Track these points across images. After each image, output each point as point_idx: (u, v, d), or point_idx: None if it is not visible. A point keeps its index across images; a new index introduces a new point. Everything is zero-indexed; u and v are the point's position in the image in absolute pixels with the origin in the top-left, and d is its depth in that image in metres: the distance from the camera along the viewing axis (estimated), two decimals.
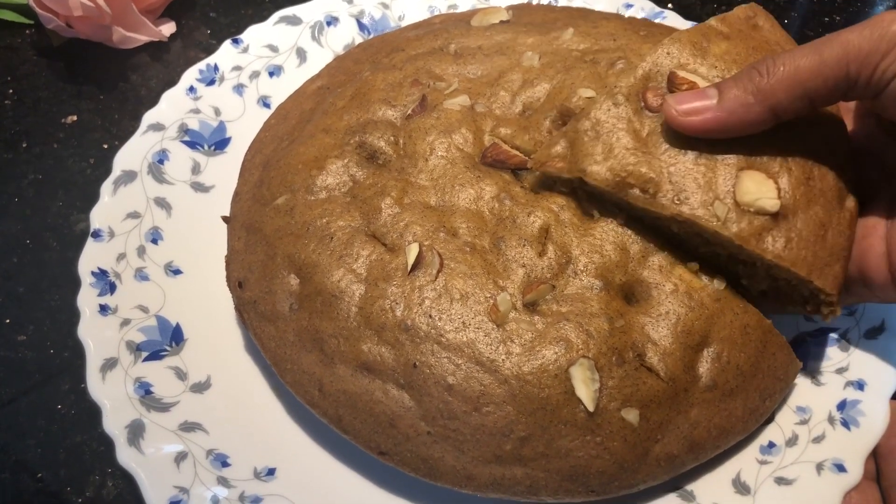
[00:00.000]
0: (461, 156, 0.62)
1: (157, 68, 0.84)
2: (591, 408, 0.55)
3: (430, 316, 0.57)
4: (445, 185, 0.61)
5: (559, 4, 0.84)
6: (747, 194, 0.53)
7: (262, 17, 0.83)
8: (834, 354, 0.64)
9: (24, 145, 0.82)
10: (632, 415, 0.55)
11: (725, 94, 0.51)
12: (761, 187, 0.53)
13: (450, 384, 0.56)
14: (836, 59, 0.48)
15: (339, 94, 0.69)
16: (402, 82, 0.67)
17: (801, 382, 0.64)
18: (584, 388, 0.55)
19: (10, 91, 0.86)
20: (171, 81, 0.78)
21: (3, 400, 0.68)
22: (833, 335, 0.65)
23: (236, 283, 0.63)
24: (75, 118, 0.84)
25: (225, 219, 0.68)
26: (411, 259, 0.58)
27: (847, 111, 0.61)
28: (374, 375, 0.57)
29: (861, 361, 0.63)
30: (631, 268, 0.58)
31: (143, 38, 0.86)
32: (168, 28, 0.89)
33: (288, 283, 0.61)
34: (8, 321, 0.72)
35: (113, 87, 0.86)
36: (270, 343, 0.60)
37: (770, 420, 0.62)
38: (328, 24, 0.83)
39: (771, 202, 0.53)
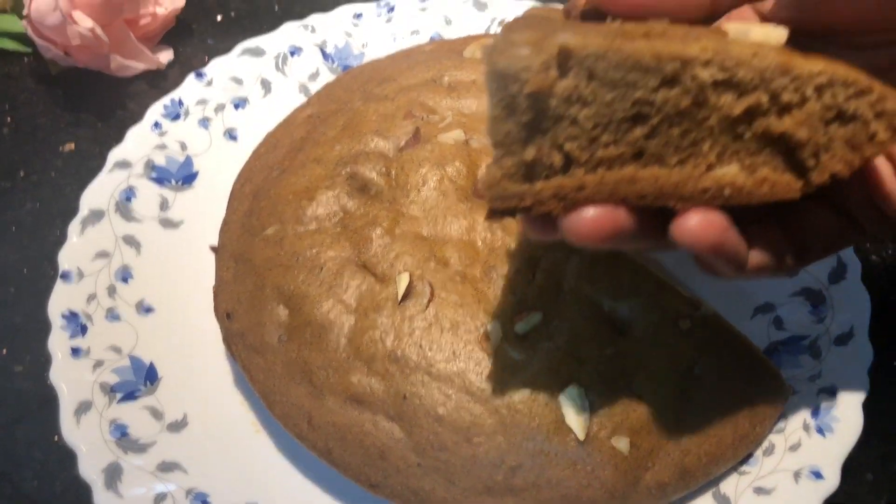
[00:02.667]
0: (454, 187, 0.62)
1: (155, 95, 0.84)
2: (581, 436, 0.55)
3: (421, 346, 0.57)
4: (438, 215, 0.61)
5: None
6: (751, 30, 0.43)
7: None
8: (806, 362, 0.64)
9: (22, 174, 0.83)
10: (622, 443, 0.55)
11: None
12: (754, 26, 0.44)
13: (440, 415, 0.56)
14: None
15: (330, 123, 0.69)
16: (394, 114, 0.67)
17: None
18: (575, 416, 0.55)
19: (9, 119, 0.87)
20: None
21: None
22: (804, 343, 0.65)
23: (224, 315, 0.64)
24: (73, 146, 0.85)
25: (213, 248, 0.68)
26: (402, 289, 0.58)
27: None
28: (364, 407, 0.57)
29: (833, 368, 0.63)
30: (619, 297, 0.58)
31: (140, 66, 0.87)
32: (166, 55, 0.89)
33: (277, 315, 0.61)
34: (4, 351, 0.72)
35: (111, 114, 0.87)
36: (259, 375, 0.61)
37: None
38: (292, 54, 0.83)
39: (779, 30, 0.43)
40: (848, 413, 0.60)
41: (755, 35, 0.41)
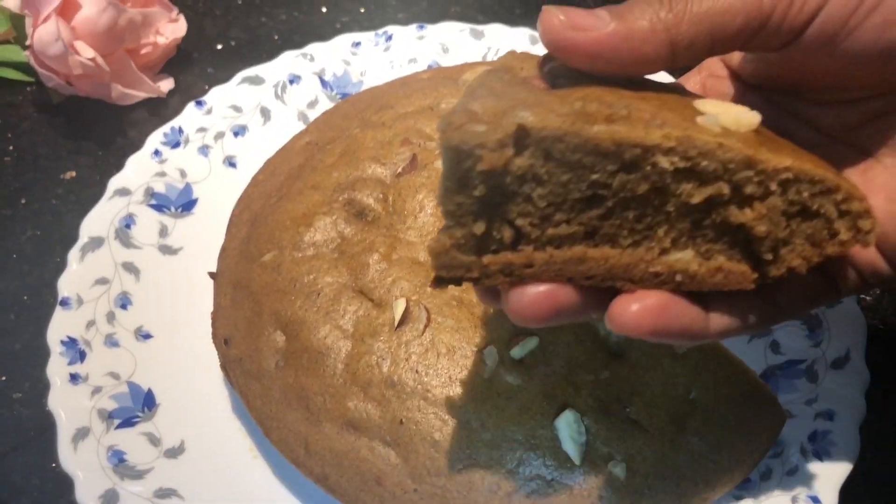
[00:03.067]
0: None
1: (156, 123, 0.85)
2: (577, 461, 0.55)
3: (417, 371, 0.57)
4: None
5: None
6: (722, 113, 0.40)
7: None
8: (802, 386, 0.64)
9: (23, 201, 0.83)
10: (619, 468, 0.55)
11: (623, 18, 0.40)
12: (727, 107, 0.41)
13: (436, 440, 0.56)
14: None
15: (328, 150, 0.70)
16: (391, 140, 0.68)
17: None
18: (571, 441, 0.55)
19: (11, 148, 0.88)
20: None
21: None
22: (800, 367, 0.65)
23: (222, 341, 0.64)
24: (74, 174, 0.86)
25: (211, 275, 0.69)
26: (398, 314, 0.59)
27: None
28: (361, 433, 0.57)
29: (829, 392, 0.63)
30: None
31: (141, 95, 0.88)
32: (166, 84, 0.90)
33: (274, 341, 0.61)
34: (4, 378, 0.72)
35: (111, 142, 0.88)
36: (256, 401, 0.61)
37: None
38: (291, 82, 0.84)
39: (752, 114, 0.40)
40: (845, 437, 0.61)
41: (726, 118, 0.40)
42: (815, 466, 0.60)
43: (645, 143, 0.37)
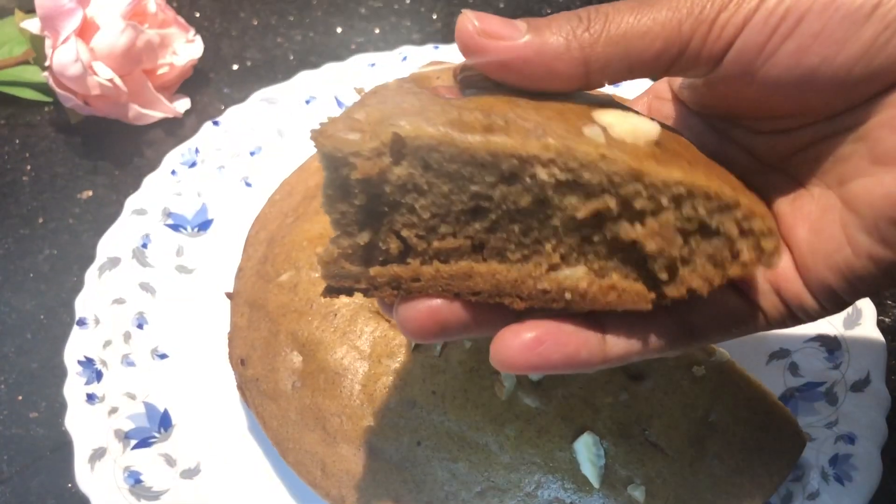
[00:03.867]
0: None
1: (172, 143, 0.85)
2: (596, 484, 0.54)
3: (434, 393, 0.57)
4: None
5: None
6: (618, 124, 0.38)
7: None
8: (822, 409, 0.64)
9: (41, 220, 0.84)
10: (638, 491, 0.55)
11: (539, 32, 0.39)
12: (628, 117, 0.39)
13: (454, 463, 0.55)
14: (666, 17, 0.38)
15: None
16: None
17: None
18: (590, 464, 0.55)
19: (28, 167, 0.88)
20: None
21: (11, 471, 0.68)
22: (820, 389, 0.65)
23: (238, 361, 0.64)
24: (91, 193, 0.86)
25: (228, 295, 0.69)
26: None
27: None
28: (378, 454, 0.57)
29: (849, 415, 0.63)
30: None
31: (158, 115, 0.88)
32: (183, 104, 0.91)
33: (291, 361, 0.61)
34: (20, 398, 0.72)
35: (128, 162, 0.88)
36: (272, 422, 0.61)
37: None
38: (307, 102, 0.85)
39: (650, 125, 0.38)
40: (866, 460, 0.60)
41: (621, 129, 0.38)
42: (836, 490, 0.59)
43: (520, 153, 0.36)
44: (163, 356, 0.69)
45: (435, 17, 1.01)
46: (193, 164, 0.79)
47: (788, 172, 0.44)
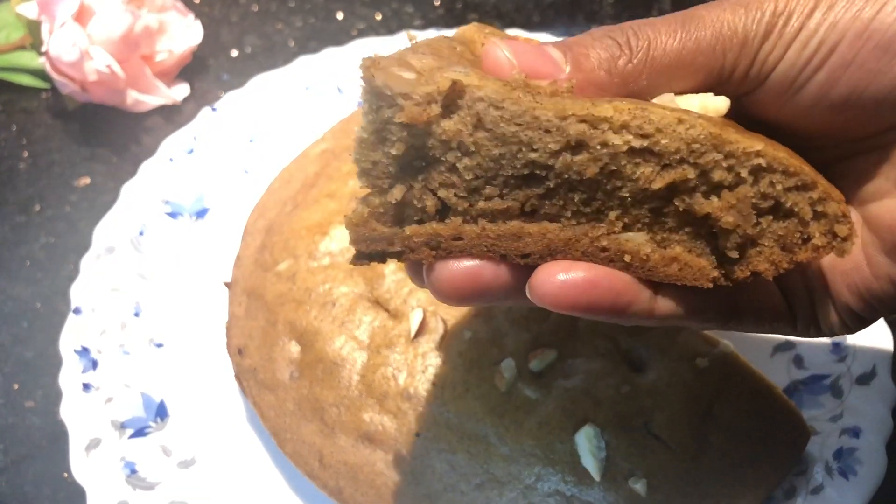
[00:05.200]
0: None
1: (170, 130, 0.84)
2: (597, 477, 0.54)
3: (434, 384, 0.56)
4: None
5: None
6: (683, 100, 0.38)
7: None
8: (827, 402, 0.63)
9: (38, 208, 0.83)
10: (640, 484, 0.54)
11: (579, 65, 0.37)
12: (689, 96, 0.38)
13: (453, 454, 0.55)
14: (710, 44, 0.38)
15: (344, 158, 0.69)
16: None
17: None
18: (590, 456, 0.54)
19: (25, 154, 0.87)
20: None
21: (7, 461, 0.68)
22: (825, 382, 0.64)
23: (236, 350, 0.63)
24: (88, 181, 0.85)
25: (227, 284, 0.68)
26: (415, 325, 0.58)
27: None
28: (376, 445, 0.56)
29: (855, 408, 0.62)
30: (636, 334, 0.57)
31: (156, 101, 0.87)
32: (181, 91, 0.90)
33: (288, 351, 0.60)
34: (16, 387, 0.72)
35: (125, 149, 0.87)
36: (270, 412, 0.60)
37: None
38: (306, 88, 0.83)
39: (719, 100, 0.38)
40: (871, 454, 0.59)
41: (688, 103, 0.37)
42: (841, 484, 0.58)
43: (593, 115, 0.34)
44: (159, 345, 0.68)
45: (437, 2, 1.00)
46: (191, 151, 0.78)
47: None
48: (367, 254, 0.37)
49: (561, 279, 0.36)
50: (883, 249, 0.38)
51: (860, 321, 0.41)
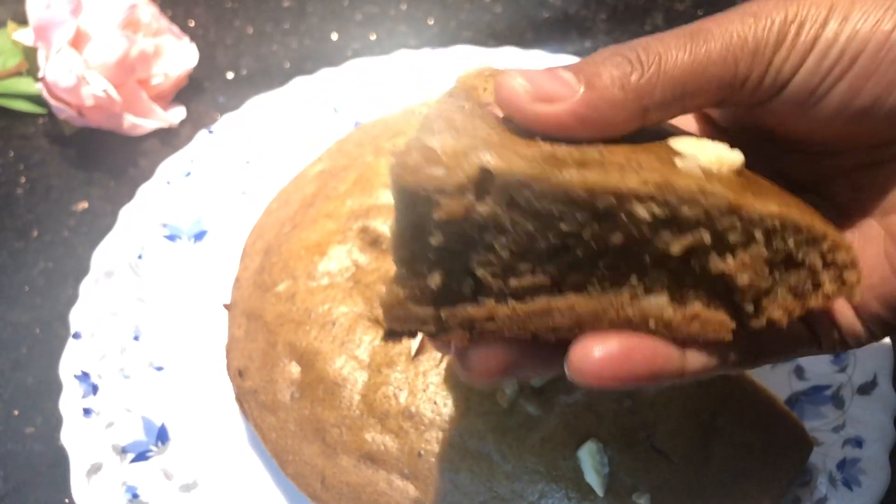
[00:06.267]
0: None
1: (167, 153, 0.84)
2: (601, 493, 0.54)
3: (435, 402, 0.56)
4: None
5: None
6: (699, 153, 0.37)
7: None
8: (829, 413, 0.63)
9: (36, 233, 0.83)
10: (643, 499, 0.54)
11: (592, 85, 0.37)
12: (706, 145, 0.38)
13: (456, 473, 0.55)
14: (721, 54, 0.37)
15: (341, 178, 0.69)
16: None
17: None
18: (594, 472, 0.54)
19: (23, 179, 0.87)
20: None
21: (7, 487, 0.67)
22: (826, 393, 0.64)
23: (236, 372, 0.63)
24: (86, 205, 0.85)
25: (226, 306, 0.68)
26: (415, 344, 0.58)
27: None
28: (378, 466, 0.56)
29: (857, 418, 0.62)
30: None
31: (153, 125, 0.88)
32: (178, 114, 0.90)
33: (289, 372, 0.60)
34: (16, 413, 0.72)
35: (123, 173, 0.88)
36: (271, 434, 0.60)
37: None
38: (302, 109, 0.83)
39: (733, 154, 0.37)
40: (875, 464, 0.59)
41: (706, 158, 0.37)
42: (844, 495, 0.58)
43: (620, 189, 0.34)
44: (159, 369, 0.68)
45: (431, 21, 1.01)
46: (189, 174, 0.78)
47: (825, 195, 0.43)
48: (399, 332, 0.37)
49: (598, 355, 0.36)
50: None
51: (890, 328, 0.41)
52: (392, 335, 0.37)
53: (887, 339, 0.65)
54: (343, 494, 0.57)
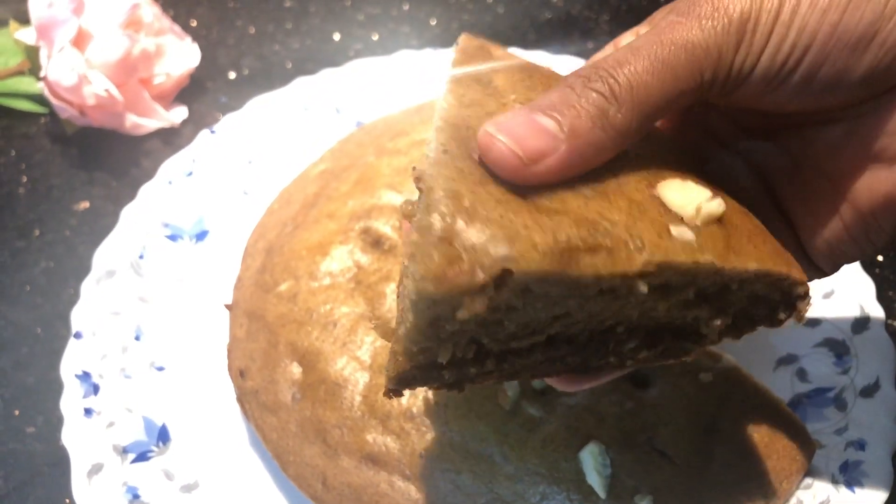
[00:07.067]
0: None
1: (169, 153, 0.84)
2: (602, 495, 0.54)
3: (436, 403, 0.56)
4: None
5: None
6: (686, 206, 0.39)
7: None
8: (831, 415, 0.63)
9: (37, 233, 0.83)
10: (645, 501, 0.54)
11: (575, 132, 0.37)
12: (689, 192, 0.39)
13: (457, 474, 0.55)
14: (687, 69, 0.39)
15: (343, 178, 0.69)
16: (407, 168, 0.67)
17: None
18: (595, 474, 0.54)
19: (24, 179, 0.87)
20: None
21: (8, 487, 0.67)
22: (829, 395, 0.64)
23: (238, 373, 0.63)
24: (87, 205, 0.85)
25: (228, 306, 0.68)
26: None
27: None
28: (380, 467, 0.56)
29: (859, 420, 0.62)
30: None
31: (154, 125, 0.87)
32: (179, 114, 0.90)
33: (290, 372, 0.60)
34: (17, 412, 0.71)
35: (125, 173, 0.87)
36: (272, 434, 0.60)
37: None
38: (304, 109, 0.84)
39: (716, 204, 0.39)
40: (878, 467, 0.59)
41: (691, 211, 0.38)
42: (847, 497, 0.58)
43: (628, 274, 0.36)
44: (160, 369, 0.68)
45: (434, 22, 1.01)
46: (190, 174, 0.78)
47: (777, 143, 0.47)
48: (401, 390, 0.41)
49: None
50: (860, 219, 0.43)
51: (833, 267, 0.46)
52: (394, 393, 0.41)
53: (890, 342, 0.64)
54: (344, 495, 0.56)
